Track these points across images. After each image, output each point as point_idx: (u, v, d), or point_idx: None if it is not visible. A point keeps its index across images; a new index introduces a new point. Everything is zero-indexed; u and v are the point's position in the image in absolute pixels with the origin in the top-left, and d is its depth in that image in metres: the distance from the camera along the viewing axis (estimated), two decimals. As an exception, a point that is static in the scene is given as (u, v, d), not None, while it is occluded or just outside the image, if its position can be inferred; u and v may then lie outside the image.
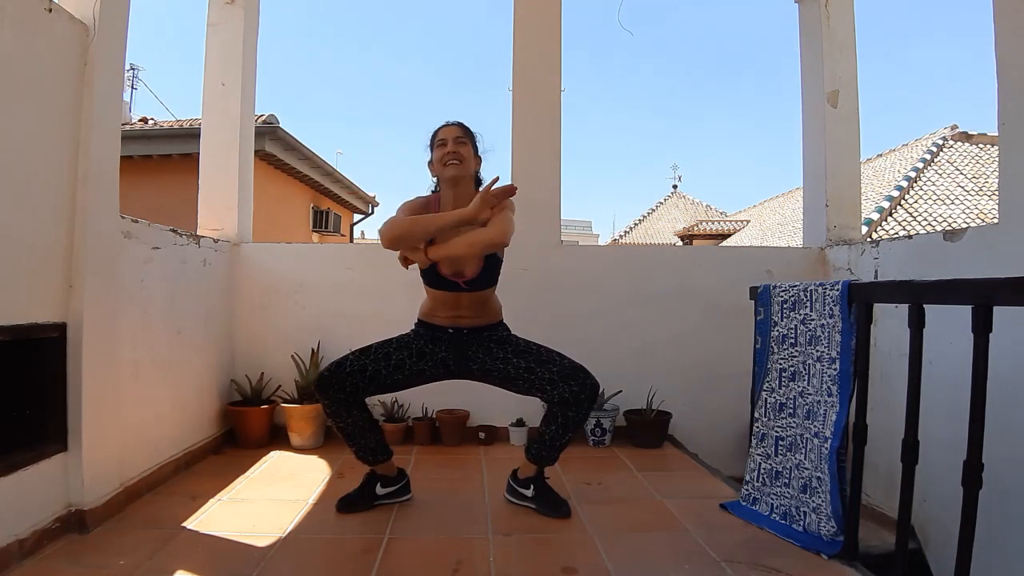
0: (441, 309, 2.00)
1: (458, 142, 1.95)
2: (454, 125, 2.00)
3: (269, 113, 7.19)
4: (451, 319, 1.99)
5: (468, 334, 2.01)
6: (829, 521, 1.72)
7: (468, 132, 2.01)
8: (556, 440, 1.97)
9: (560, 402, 1.90)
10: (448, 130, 1.98)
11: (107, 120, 1.91)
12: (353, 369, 1.91)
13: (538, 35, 3.15)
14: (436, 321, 2.01)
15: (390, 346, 2.00)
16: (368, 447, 2.00)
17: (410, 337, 2.04)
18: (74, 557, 1.64)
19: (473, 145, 2.01)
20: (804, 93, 3.26)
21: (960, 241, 2.18)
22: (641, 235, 22.78)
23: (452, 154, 1.93)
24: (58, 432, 1.77)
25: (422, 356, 1.99)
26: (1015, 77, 1.95)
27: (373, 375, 1.93)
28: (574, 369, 1.91)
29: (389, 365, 1.95)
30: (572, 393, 1.87)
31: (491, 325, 2.04)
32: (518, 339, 2.04)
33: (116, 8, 1.93)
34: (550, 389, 1.90)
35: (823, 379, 1.81)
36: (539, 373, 1.91)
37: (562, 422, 1.93)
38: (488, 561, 1.67)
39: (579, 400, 1.89)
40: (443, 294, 1.97)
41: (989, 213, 9.15)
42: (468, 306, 1.98)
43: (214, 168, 3.12)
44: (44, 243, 1.72)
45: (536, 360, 1.93)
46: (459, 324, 2.00)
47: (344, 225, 10.89)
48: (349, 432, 1.97)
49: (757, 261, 3.16)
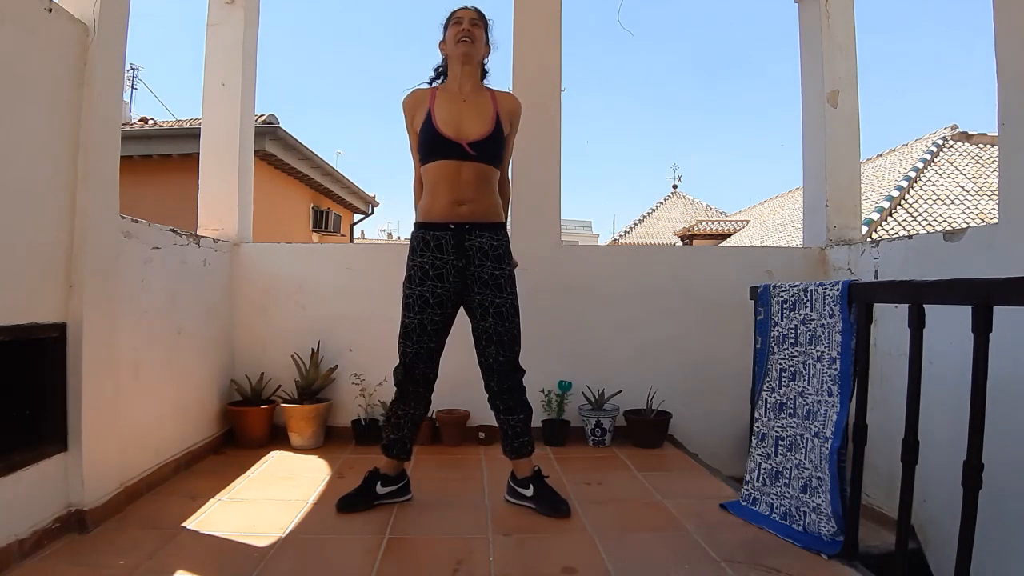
0: (441, 191, 1.95)
1: (473, 23, 2.02)
2: (472, 8, 2.06)
3: (269, 113, 7.19)
4: (451, 205, 1.94)
5: (471, 232, 1.97)
6: (829, 521, 1.72)
7: (483, 18, 2.07)
8: (514, 426, 2.04)
9: (488, 388, 2.04)
10: (465, 11, 2.05)
11: (107, 120, 1.91)
12: (415, 358, 1.98)
13: (538, 35, 3.15)
14: (435, 217, 1.97)
15: (416, 304, 1.95)
16: (403, 441, 2.05)
17: (417, 262, 1.98)
18: (74, 557, 1.64)
19: (486, 32, 2.07)
20: (804, 93, 3.25)
21: (960, 241, 2.18)
22: (641, 235, 22.78)
23: (466, 31, 1.99)
24: (58, 432, 1.77)
25: (440, 277, 1.96)
26: (1015, 77, 1.95)
27: (427, 352, 1.99)
28: (512, 368, 2.02)
29: (426, 329, 1.97)
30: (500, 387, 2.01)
31: (494, 225, 2.01)
32: (510, 291, 2.01)
33: (116, 8, 1.93)
34: (486, 373, 2.03)
35: (823, 379, 1.81)
36: (492, 350, 2.00)
37: (504, 408, 2.03)
38: (488, 561, 1.67)
39: (504, 391, 2.01)
40: (443, 166, 1.94)
41: (989, 213, 9.15)
42: (469, 183, 1.94)
43: (214, 168, 3.12)
44: (44, 243, 1.72)
45: (500, 336, 1.99)
46: (460, 215, 1.95)
47: (344, 225, 10.90)
48: (399, 422, 2.04)
49: (757, 261, 3.15)
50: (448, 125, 1.95)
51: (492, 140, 1.98)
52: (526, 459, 2.07)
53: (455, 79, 2.04)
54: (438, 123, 1.95)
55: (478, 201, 1.97)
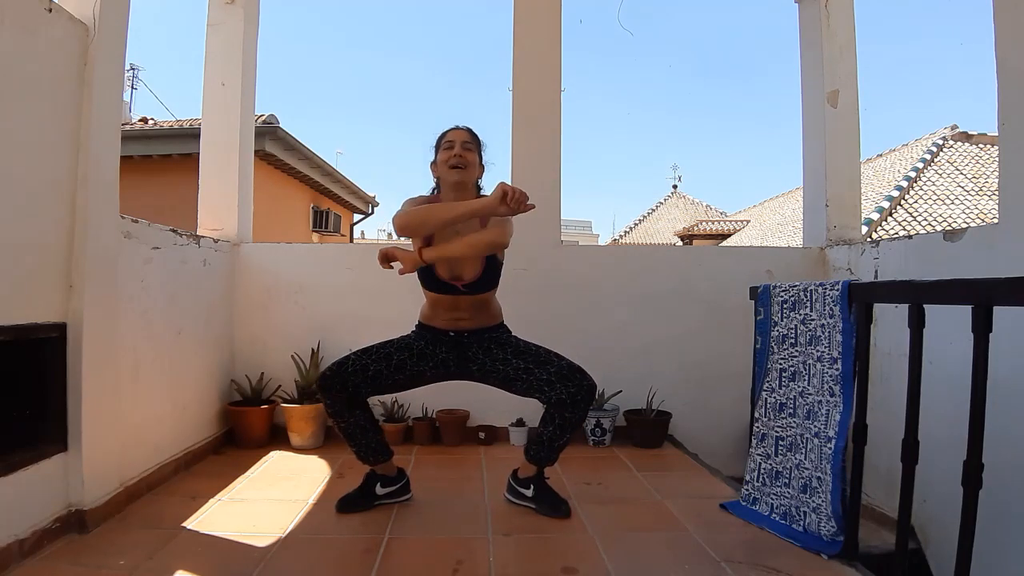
0: (440, 312, 2.00)
1: (465, 147, 1.95)
2: (463, 129, 2.00)
3: (269, 113, 7.18)
4: (451, 322, 1.99)
5: (469, 336, 2.00)
6: (829, 521, 1.72)
7: (476, 139, 2.01)
8: (554, 440, 1.96)
9: (557, 403, 1.89)
10: (457, 133, 1.98)
11: (107, 120, 1.91)
12: (355, 369, 1.92)
13: (538, 35, 3.15)
14: (436, 324, 2.01)
15: (391, 347, 2.00)
16: (369, 447, 2.00)
17: (411, 339, 2.04)
18: (74, 557, 1.64)
19: (479, 153, 2.01)
20: (804, 93, 3.25)
21: (960, 241, 2.18)
22: (641, 235, 22.77)
23: (458, 157, 1.93)
24: (58, 432, 1.76)
25: (423, 357, 1.99)
26: (1015, 77, 1.95)
27: (375, 375, 1.93)
28: (571, 370, 1.91)
29: (390, 366, 1.95)
30: (569, 394, 1.87)
31: (492, 327, 2.03)
32: (518, 340, 2.04)
33: (116, 8, 1.93)
34: (547, 390, 1.90)
35: (824, 379, 1.81)
36: (537, 374, 1.91)
37: (559, 423, 1.92)
38: (488, 561, 1.67)
39: (575, 401, 1.88)
40: (442, 297, 1.96)
41: (989, 213, 9.14)
42: (467, 308, 1.98)
43: (214, 168, 3.12)
44: (44, 243, 1.72)
45: (535, 361, 1.94)
46: (459, 327, 1.99)
47: (344, 225, 10.89)
48: (350, 432, 1.97)
49: (757, 261, 3.16)
50: (443, 266, 1.90)
51: (485, 276, 1.93)
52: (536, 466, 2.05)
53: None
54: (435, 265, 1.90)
55: (477, 319, 2.00)
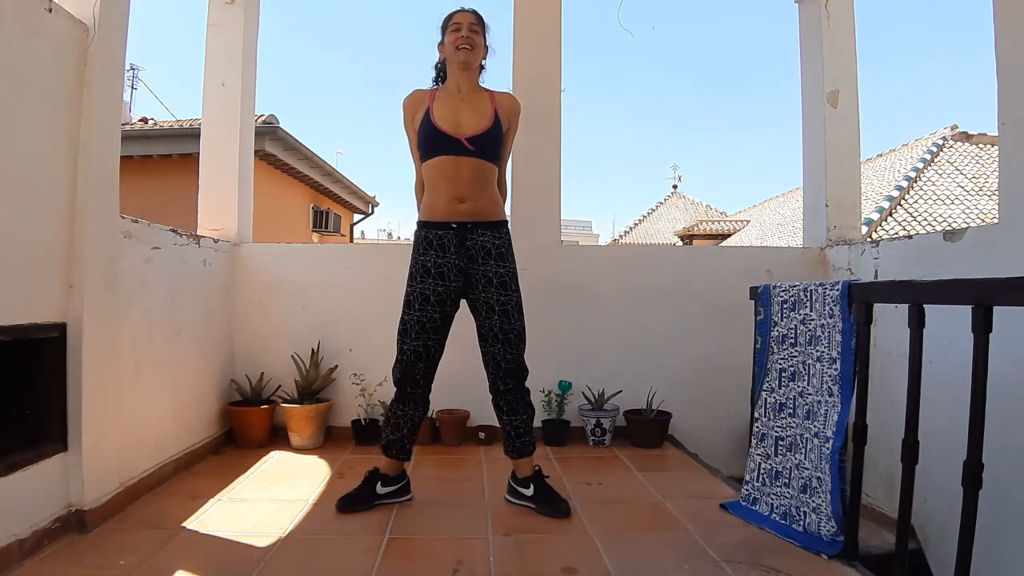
0: (441, 189, 1.96)
1: (472, 29, 2.02)
2: (470, 11, 2.06)
3: (269, 113, 7.19)
4: (452, 203, 1.96)
5: (473, 231, 1.98)
6: (829, 521, 1.72)
7: (482, 21, 2.07)
8: (516, 427, 2.05)
9: (493, 388, 2.03)
10: (464, 15, 2.04)
11: (107, 120, 1.91)
12: (412, 359, 1.98)
13: (538, 35, 3.15)
14: (437, 216, 1.98)
15: (416, 301, 1.97)
16: (401, 441, 2.06)
17: (422, 262, 1.99)
18: (74, 557, 1.65)
19: (484, 35, 2.07)
20: (804, 93, 3.25)
21: (960, 241, 2.18)
22: (641, 235, 22.77)
23: (465, 38, 2.00)
24: (58, 432, 1.76)
25: (441, 276, 1.97)
26: (1015, 77, 1.95)
27: (425, 352, 1.98)
28: (518, 367, 2.02)
29: (425, 327, 1.97)
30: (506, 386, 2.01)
31: (495, 224, 2.02)
32: (514, 290, 2.01)
33: (116, 8, 1.93)
34: (495, 372, 2.01)
35: (823, 379, 1.81)
36: (498, 348, 1.99)
37: (507, 408, 2.04)
38: (488, 561, 1.67)
39: (510, 391, 2.01)
40: (442, 161, 1.96)
41: (989, 213, 9.15)
42: (468, 179, 1.95)
43: (214, 168, 3.11)
44: (44, 243, 1.72)
45: (505, 334, 1.99)
46: (460, 213, 1.97)
47: (344, 225, 10.89)
48: (398, 423, 2.04)
49: (757, 261, 3.15)
50: (446, 121, 1.97)
51: (490, 135, 1.98)
52: (527, 459, 2.07)
53: (454, 81, 2.06)
54: (436, 119, 1.97)
55: (478, 198, 1.99)
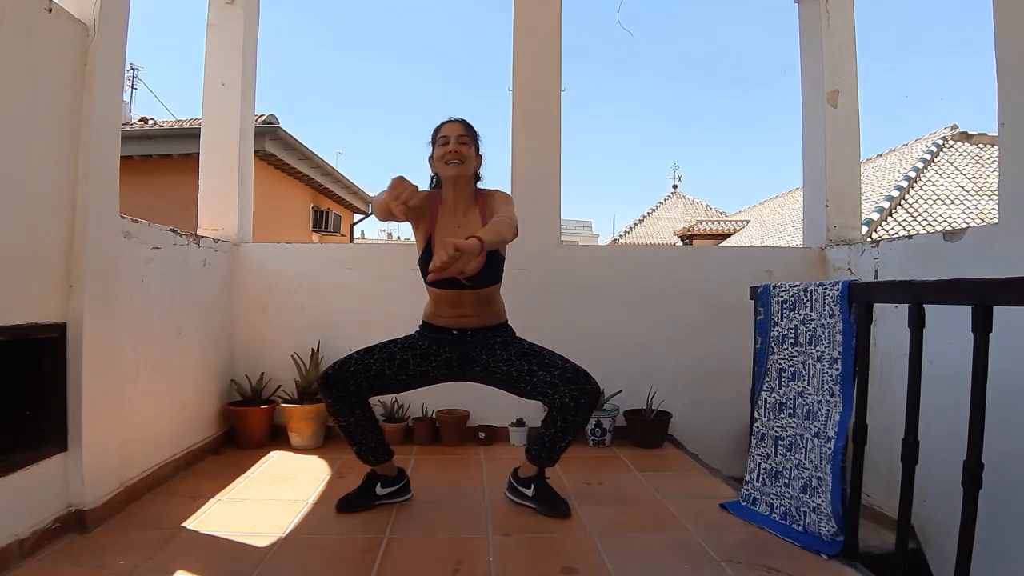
0: (444, 309, 1.99)
1: (460, 141, 1.94)
2: (457, 122, 1.98)
3: (269, 113, 7.18)
4: (455, 319, 1.98)
5: (473, 335, 2.00)
6: (829, 521, 1.72)
7: (471, 130, 1.99)
8: (556, 443, 1.96)
9: (560, 406, 1.89)
10: (451, 127, 1.97)
11: (107, 120, 1.91)
12: (357, 368, 1.92)
13: (538, 35, 3.15)
14: (440, 323, 2.01)
15: (394, 346, 1.99)
16: (369, 447, 2.00)
17: (414, 338, 2.04)
18: (74, 557, 1.64)
19: (475, 144, 2.00)
20: (804, 93, 3.25)
21: (960, 241, 2.18)
22: (641, 235, 22.78)
23: (454, 153, 1.92)
24: (58, 432, 1.76)
25: (426, 357, 1.99)
26: (1015, 77, 1.95)
27: (377, 374, 1.93)
28: (576, 373, 1.90)
29: (393, 365, 1.95)
30: (572, 397, 1.87)
31: (496, 326, 2.03)
32: (522, 341, 2.03)
33: (116, 8, 1.93)
34: (551, 392, 1.89)
35: (823, 379, 1.81)
36: (541, 376, 1.91)
37: (561, 425, 1.92)
38: (488, 561, 1.67)
39: (579, 404, 1.88)
40: (445, 292, 1.95)
41: (989, 213, 9.14)
42: (471, 304, 1.97)
43: (214, 168, 3.11)
44: (44, 243, 1.72)
45: (539, 363, 1.93)
46: (463, 325, 1.99)
47: (344, 225, 10.89)
48: (351, 432, 1.97)
49: (757, 261, 3.15)
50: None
51: (488, 269, 1.91)
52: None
53: (449, 199, 1.99)
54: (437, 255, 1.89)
55: (480, 316, 1.99)
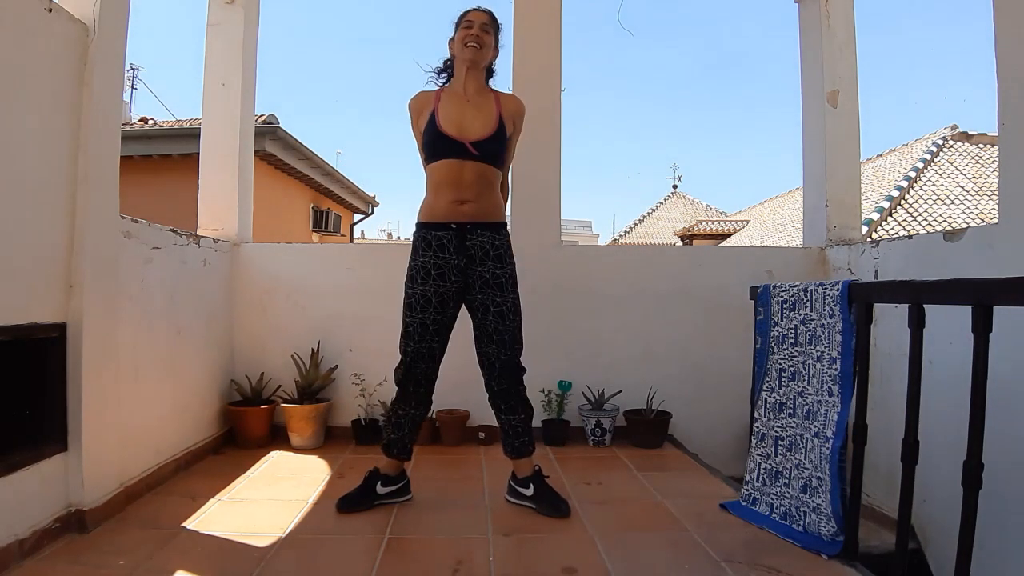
0: (443, 191, 1.96)
1: (483, 28, 2.01)
2: (484, 11, 2.05)
3: (269, 113, 7.19)
4: (453, 205, 1.95)
5: (472, 232, 1.98)
6: (829, 521, 1.72)
7: (495, 22, 2.06)
8: (515, 426, 2.05)
9: (488, 387, 2.04)
10: (477, 15, 2.04)
11: (107, 120, 1.91)
12: (415, 358, 1.99)
13: (538, 35, 3.15)
14: (438, 217, 1.98)
15: (418, 303, 1.97)
16: (403, 441, 2.06)
17: (419, 265, 1.98)
18: (74, 557, 1.64)
19: (496, 37, 2.06)
20: (804, 93, 3.25)
21: (960, 241, 2.18)
22: (641, 235, 22.78)
23: (475, 37, 1.99)
24: (58, 432, 1.77)
25: (442, 277, 1.96)
26: (1015, 77, 1.95)
27: (428, 352, 1.99)
28: (514, 368, 2.02)
29: (428, 328, 1.97)
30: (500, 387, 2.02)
31: (495, 225, 2.02)
32: (511, 290, 2.01)
33: (116, 8, 1.93)
34: (489, 370, 2.02)
35: (823, 379, 1.81)
36: (493, 349, 2.00)
37: (505, 407, 2.04)
38: (488, 561, 1.67)
39: (505, 393, 2.02)
40: (446, 164, 1.95)
41: (989, 213, 9.15)
42: (472, 185, 1.95)
43: (214, 168, 3.11)
44: (44, 243, 1.72)
45: (500, 335, 2.00)
46: (462, 213, 1.96)
47: (344, 225, 10.90)
48: (399, 422, 2.05)
49: (757, 261, 3.15)
50: (451, 124, 1.96)
51: (494, 140, 1.98)
52: (527, 459, 2.07)
53: (460, 81, 2.05)
54: (441, 123, 1.96)
55: (479, 201, 1.98)
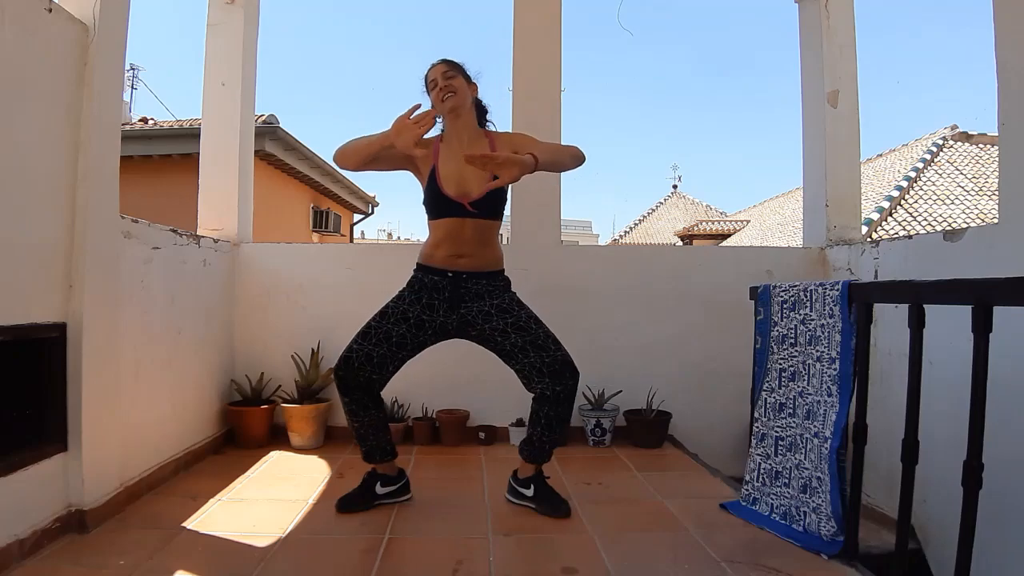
0: (443, 244, 1.97)
1: (446, 76, 1.99)
2: (438, 64, 2.04)
3: (269, 113, 7.18)
4: (452, 257, 1.96)
5: (468, 280, 1.98)
6: (829, 521, 1.72)
7: (454, 65, 2.04)
8: (544, 440, 1.99)
9: (542, 398, 1.94)
10: (435, 70, 2.02)
11: (107, 120, 1.91)
12: (361, 362, 1.93)
13: (538, 35, 3.15)
14: (436, 263, 1.99)
15: (388, 321, 1.97)
16: (378, 446, 2.02)
17: (405, 303, 1.99)
18: (74, 557, 1.64)
19: (462, 74, 2.04)
20: (804, 93, 3.25)
21: (960, 241, 2.18)
22: (641, 235, 22.78)
23: (444, 87, 1.98)
24: (58, 432, 1.76)
25: (421, 326, 1.97)
26: (1015, 77, 1.95)
27: (380, 361, 1.94)
28: (564, 365, 1.92)
29: (391, 345, 1.95)
30: (554, 392, 1.91)
31: (492, 273, 2.02)
32: (520, 309, 2.00)
33: (116, 8, 1.93)
34: (536, 380, 1.93)
35: (823, 379, 1.81)
36: (532, 358, 1.92)
37: (545, 422, 1.96)
38: (488, 561, 1.67)
39: (559, 400, 1.93)
40: (446, 222, 1.96)
41: (989, 213, 9.15)
42: (471, 240, 1.96)
43: (214, 168, 3.11)
44: (44, 243, 1.72)
45: (531, 342, 1.93)
46: (459, 265, 1.97)
47: (344, 225, 10.90)
48: (363, 432, 1.99)
49: (757, 261, 3.16)
50: (451, 184, 1.94)
51: (493, 194, 1.94)
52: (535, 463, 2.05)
53: (454, 133, 2.03)
54: (442, 183, 1.95)
55: (477, 256, 1.98)
